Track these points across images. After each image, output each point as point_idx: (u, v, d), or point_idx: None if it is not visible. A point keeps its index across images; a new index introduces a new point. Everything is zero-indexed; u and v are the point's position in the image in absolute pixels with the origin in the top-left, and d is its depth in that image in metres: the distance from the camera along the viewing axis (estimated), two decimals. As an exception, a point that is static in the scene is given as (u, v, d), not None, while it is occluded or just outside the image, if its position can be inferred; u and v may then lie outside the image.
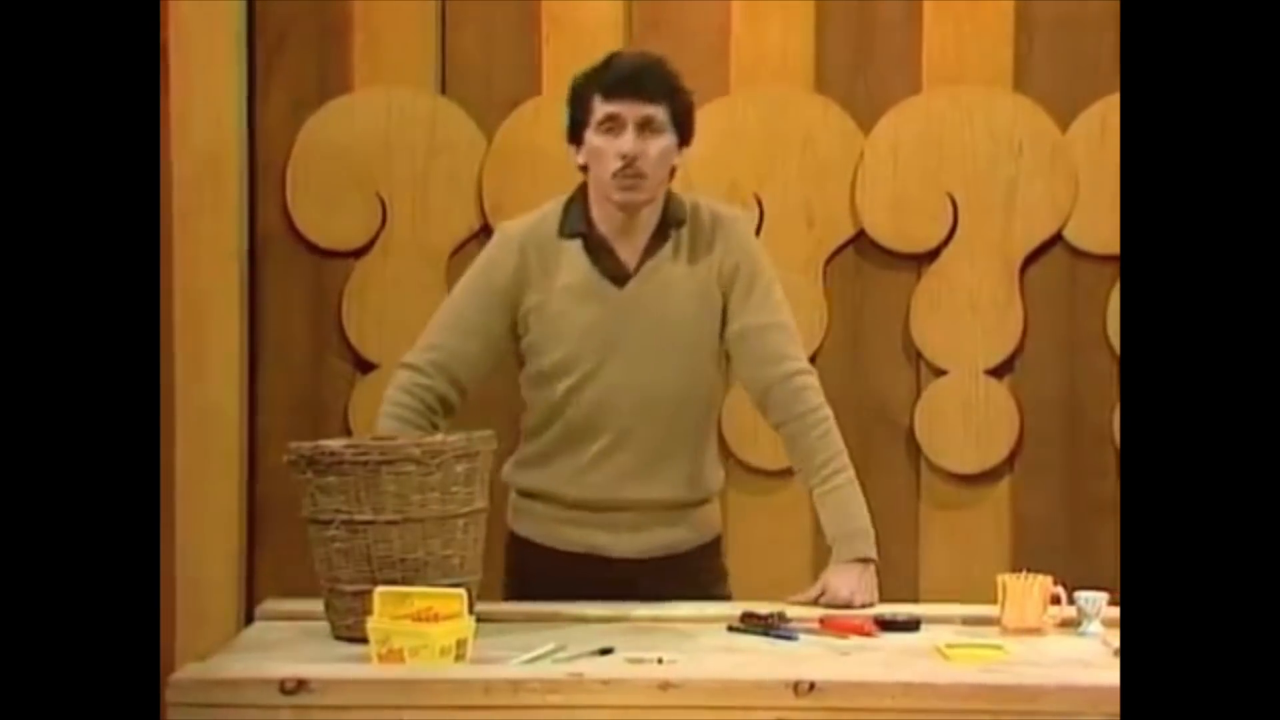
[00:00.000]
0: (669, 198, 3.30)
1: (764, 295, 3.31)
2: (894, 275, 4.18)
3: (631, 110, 3.21)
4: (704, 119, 4.03)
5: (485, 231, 4.17)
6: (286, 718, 2.58)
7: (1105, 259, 4.12)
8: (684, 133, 3.28)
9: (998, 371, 4.17)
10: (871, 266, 4.18)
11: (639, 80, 3.23)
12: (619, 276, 3.28)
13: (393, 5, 4.18)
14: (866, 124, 4.15)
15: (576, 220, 3.30)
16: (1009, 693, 2.61)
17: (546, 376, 3.32)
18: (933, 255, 4.16)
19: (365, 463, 2.88)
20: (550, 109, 4.17)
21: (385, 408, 3.33)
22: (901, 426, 4.18)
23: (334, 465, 2.89)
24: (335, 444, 2.97)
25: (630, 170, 3.20)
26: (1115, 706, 2.48)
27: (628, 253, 3.29)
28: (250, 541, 4.22)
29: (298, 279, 4.22)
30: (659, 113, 3.23)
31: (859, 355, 4.18)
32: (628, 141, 3.20)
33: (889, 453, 4.17)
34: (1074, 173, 4.13)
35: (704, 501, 3.41)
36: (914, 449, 4.18)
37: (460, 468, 2.94)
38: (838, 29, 4.16)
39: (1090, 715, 2.57)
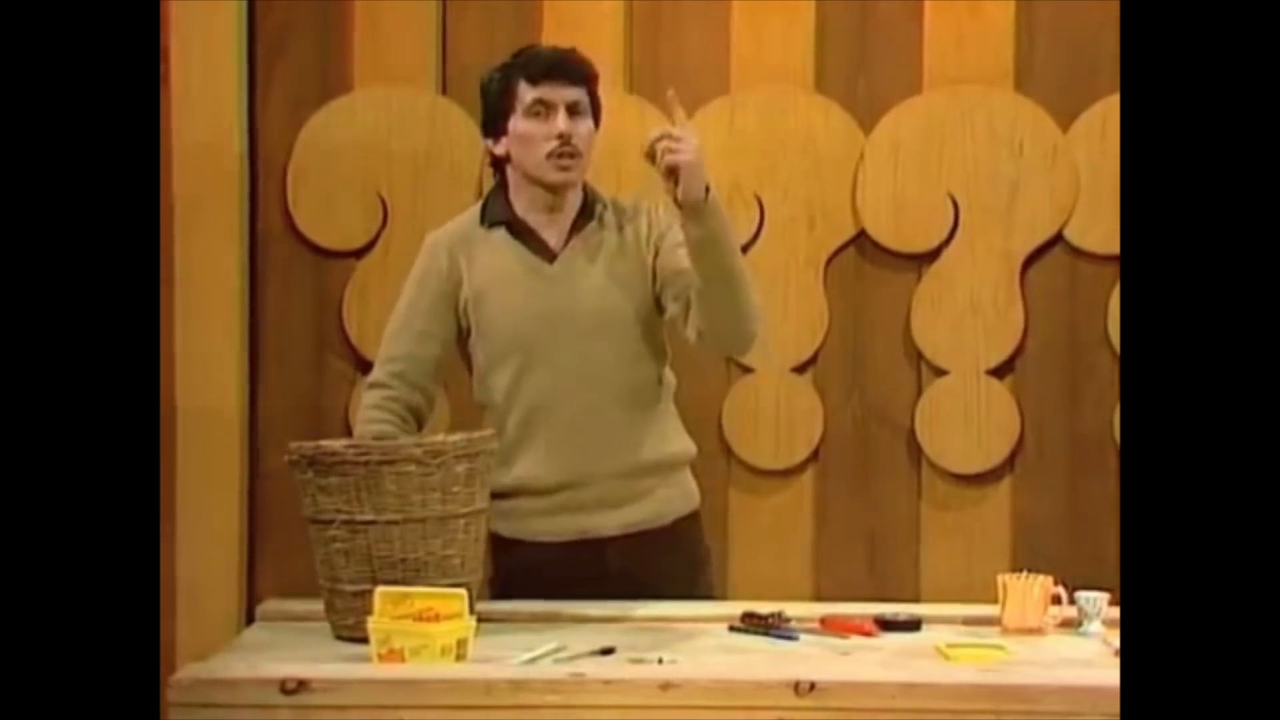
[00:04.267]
0: (586, 186, 3.40)
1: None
2: (895, 275, 4.18)
3: (559, 94, 3.31)
4: (704, 119, 4.06)
5: (486, 231, 4.17)
6: (287, 718, 2.58)
7: (1106, 259, 4.12)
8: (598, 117, 3.39)
9: (999, 372, 4.17)
10: (872, 267, 4.18)
11: (564, 64, 3.34)
12: (548, 256, 3.35)
13: (393, 5, 4.18)
14: (867, 124, 4.15)
15: (498, 210, 3.39)
16: (1010, 693, 2.61)
17: (494, 364, 3.36)
18: (933, 255, 4.16)
19: (366, 463, 2.89)
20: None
21: (360, 428, 3.39)
22: (902, 427, 4.18)
23: (335, 465, 2.90)
24: (336, 444, 2.98)
25: (566, 147, 3.29)
26: (1115, 706, 2.48)
27: (553, 235, 3.36)
28: (251, 541, 4.22)
29: (298, 279, 4.22)
30: (582, 96, 3.33)
31: (860, 355, 4.18)
32: (561, 121, 3.29)
33: (890, 453, 4.17)
34: (1075, 173, 4.13)
35: (676, 467, 3.42)
36: (915, 449, 4.18)
37: (461, 468, 2.94)
38: (838, 29, 4.16)
39: (1091, 715, 2.57)
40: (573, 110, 3.31)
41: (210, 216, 4.14)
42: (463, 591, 2.80)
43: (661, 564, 3.32)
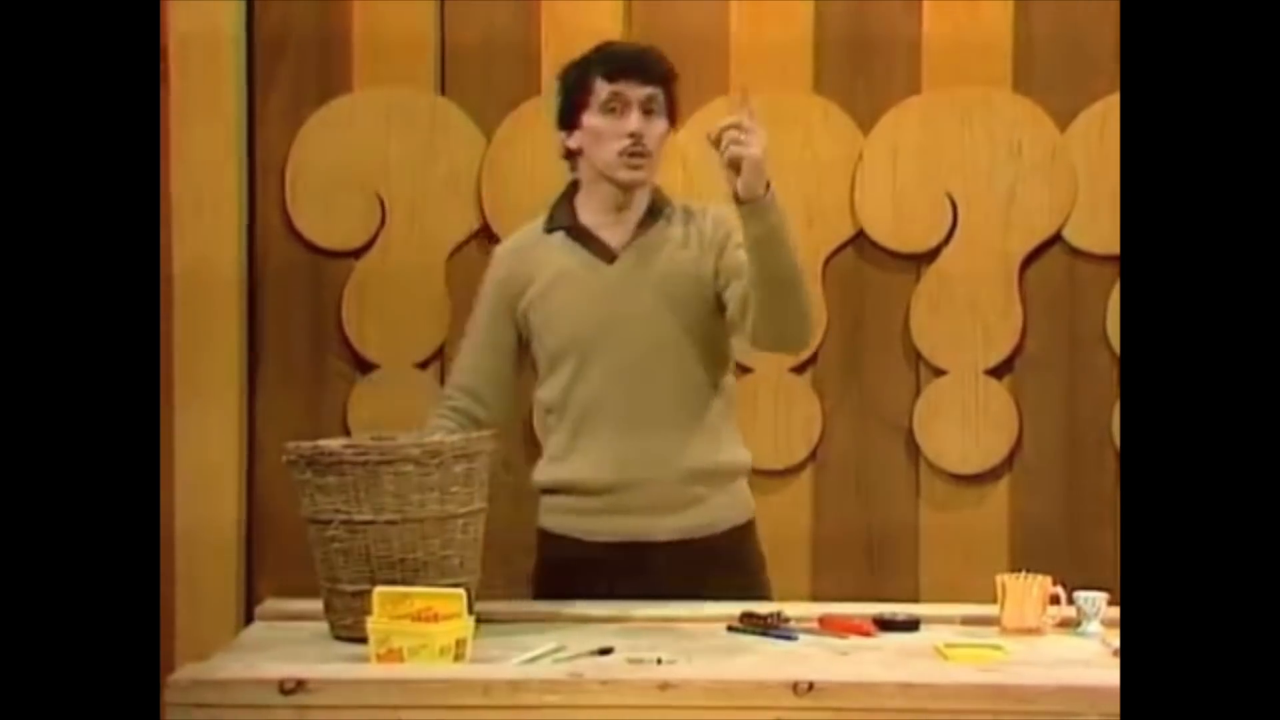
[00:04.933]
0: (655, 188, 3.37)
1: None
2: (893, 275, 4.18)
3: (635, 91, 3.28)
4: (703, 119, 4.05)
5: (484, 232, 4.18)
6: (286, 718, 2.58)
7: (1105, 259, 4.12)
8: (674, 117, 3.36)
9: (997, 371, 4.17)
10: (871, 267, 4.18)
11: (642, 62, 3.31)
12: (607, 256, 3.33)
13: (393, 5, 4.18)
14: (866, 124, 4.15)
15: (560, 215, 3.37)
16: (1008, 693, 2.61)
17: (552, 366, 3.34)
18: (932, 255, 4.17)
19: (364, 463, 2.88)
20: (550, 109, 4.18)
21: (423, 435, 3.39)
22: (901, 427, 4.18)
23: (333, 465, 2.89)
24: (334, 444, 2.97)
25: (637, 147, 3.27)
26: (1114, 706, 2.48)
27: (615, 236, 3.33)
28: (249, 541, 4.22)
29: (297, 279, 4.22)
30: (659, 94, 3.30)
31: (858, 355, 4.18)
32: (634, 119, 3.27)
33: (888, 453, 4.18)
34: (1073, 173, 4.13)
35: (730, 476, 3.39)
36: (913, 449, 4.18)
37: (459, 468, 2.94)
38: (837, 29, 4.16)
39: (1089, 715, 2.57)
40: (647, 108, 3.28)
41: (209, 216, 4.15)
42: (461, 592, 2.80)
43: (710, 572, 3.26)
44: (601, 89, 3.28)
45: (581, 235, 3.34)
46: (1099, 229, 4.12)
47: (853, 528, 4.17)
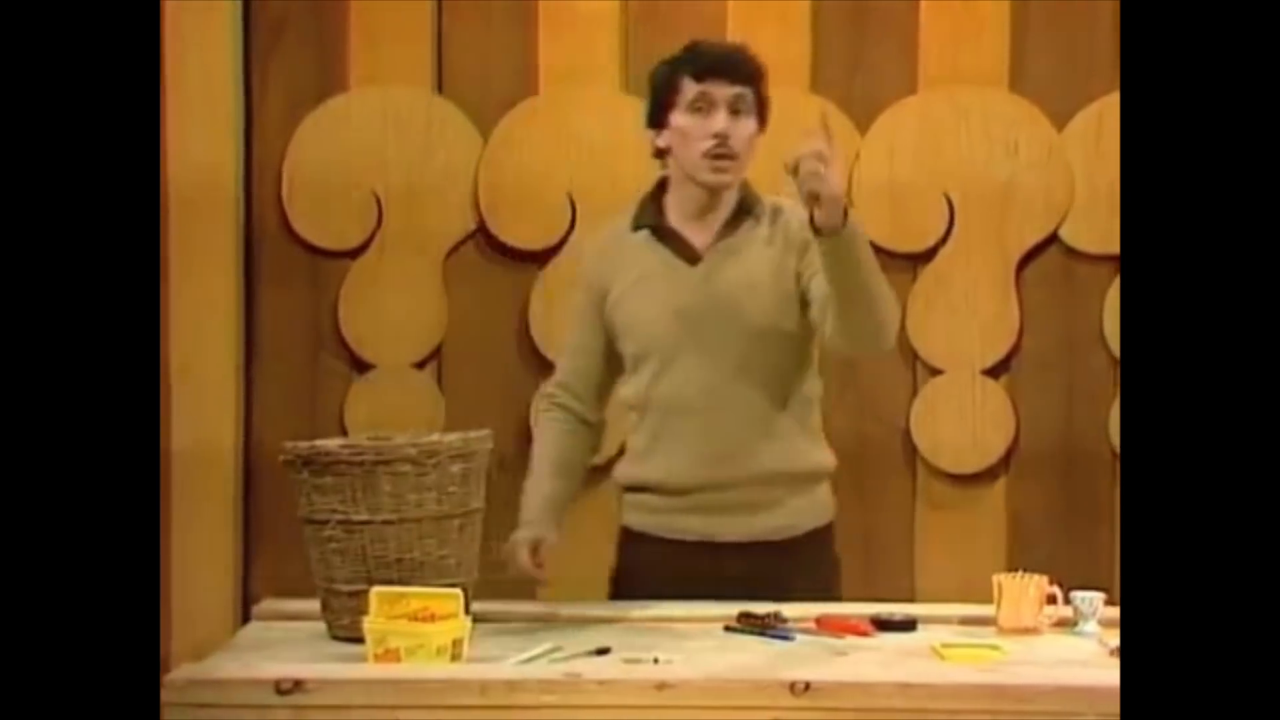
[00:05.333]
0: (744, 185, 3.33)
1: None
2: (891, 275, 4.11)
3: (723, 90, 3.24)
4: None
5: (481, 231, 4.18)
6: (282, 718, 2.58)
7: (1101, 259, 4.12)
8: (764, 117, 3.31)
9: (994, 371, 4.17)
10: (868, 266, 4.17)
11: (730, 61, 3.28)
12: (691, 257, 3.30)
13: (389, 4, 4.18)
14: (863, 124, 4.15)
15: (647, 213, 3.35)
16: (1005, 693, 2.61)
17: (636, 365, 3.34)
18: (929, 255, 4.17)
19: (361, 463, 2.88)
20: (547, 109, 4.18)
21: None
22: (898, 427, 4.18)
23: (330, 466, 2.89)
24: (331, 444, 2.97)
25: (722, 148, 3.24)
26: (1112, 706, 2.48)
27: (700, 237, 3.31)
28: (246, 542, 4.22)
29: (294, 278, 4.22)
30: (748, 94, 3.26)
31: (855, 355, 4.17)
32: (720, 120, 3.23)
33: (885, 453, 4.18)
34: (1070, 173, 4.13)
35: (811, 479, 3.37)
36: (910, 449, 4.18)
37: (456, 468, 2.94)
38: (834, 29, 4.16)
39: (1087, 715, 2.57)
40: (734, 108, 3.24)
41: (206, 216, 4.15)
42: (458, 592, 2.80)
43: (785, 575, 3.23)
44: (689, 88, 3.25)
45: (667, 235, 3.31)
46: (1096, 228, 4.12)
47: (850, 528, 4.15)
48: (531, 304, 4.19)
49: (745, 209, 3.32)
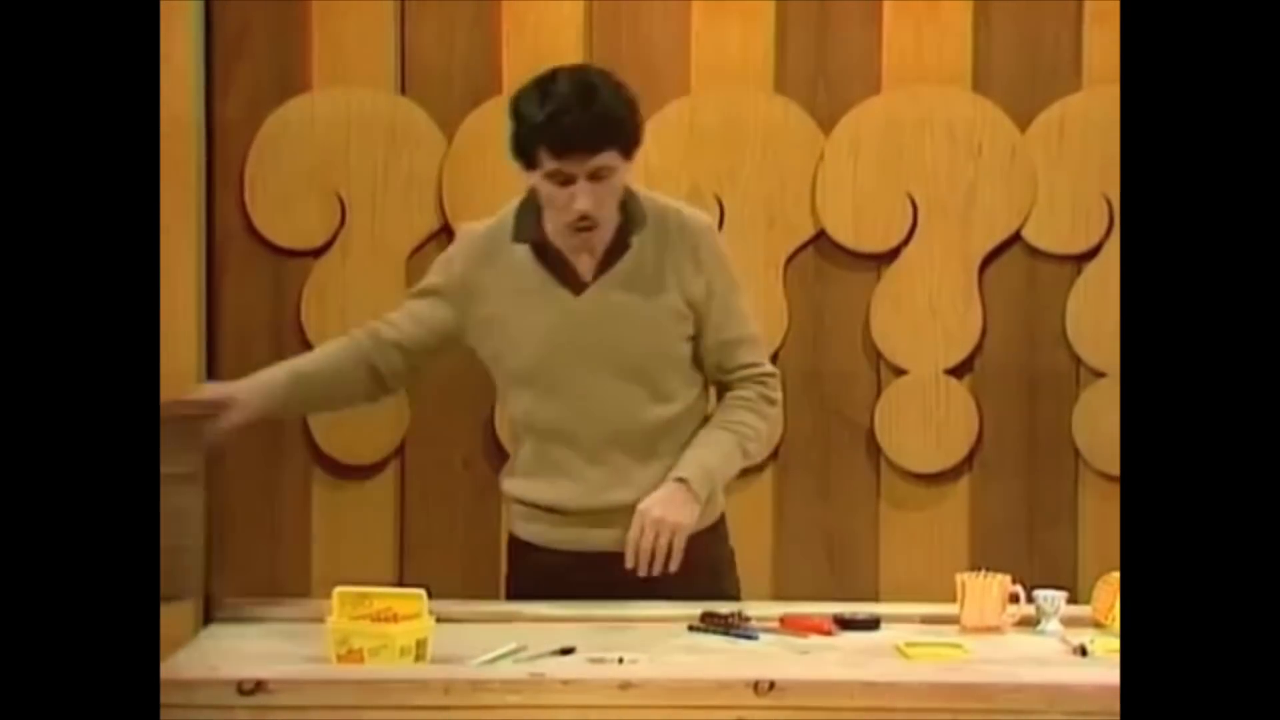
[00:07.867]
0: (628, 199, 3.24)
1: (730, 311, 3.31)
2: (854, 275, 4.19)
3: (582, 166, 3.11)
4: (664, 119, 4.06)
5: (445, 231, 4.17)
6: (245, 719, 2.57)
7: (1064, 259, 4.14)
8: (633, 152, 3.20)
9: (957, 371, 4.18)
10: (831, 266, 4.18)
11: (588, 136, 3.09)
12: (575, 286, 3.25)
13: (352, 4, 4.16)
14: (827, 125, 4.16)
15: (527, 227, 3.26)
16: (968, 691, 2.62)
17: (511, 386, 3.32)
18: (893, 255, 4.17)
19: None
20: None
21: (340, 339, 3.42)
22: (861, 426, 4.19)
23: None
24: None
25: (585, 222, 3.15)
26: (1074, 704, 2.50)
27: (584, 263, 3.25)
28: (208, 541, 4.19)
29: (256, 278, 4.20)
30: (610, 158, 3.13)
31: (819, 355, 4.18)
32: (582, 198, 3.11)
33: (849, 452, 4.18)
34: (1033, 173, 4.14)
35: None
36: (874, 448, 4.19)
37: None
38: (798, 30, 4.16)
39: (1049, 713, 2.58)
40: (596, 175, 3.11)
41: (168, 216, 4.10)
42: (421, 592, 2.79)
43: (677, 575, 3.21)
44: (547, 162, 3.11)
45: (549, 257, 3.24)
46: (1058, 229, 4.13)
47: (813, 527, 4.17)
48: (495, 304, 4.18)
49: (629, 227, 3.24)
